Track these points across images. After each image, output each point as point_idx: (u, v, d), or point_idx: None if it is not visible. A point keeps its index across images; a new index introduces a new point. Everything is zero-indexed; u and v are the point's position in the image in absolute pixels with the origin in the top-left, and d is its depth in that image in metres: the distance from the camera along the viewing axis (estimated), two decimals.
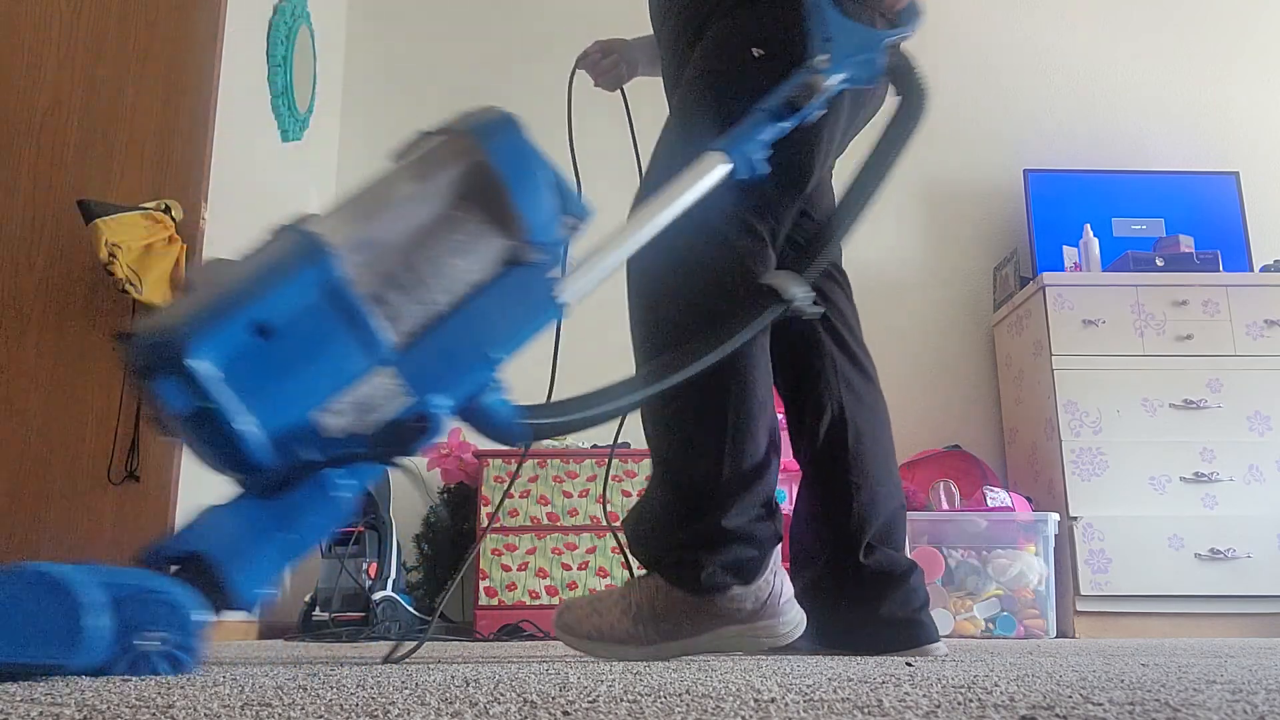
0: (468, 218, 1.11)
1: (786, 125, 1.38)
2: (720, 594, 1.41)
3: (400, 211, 1.08)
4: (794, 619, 1.44)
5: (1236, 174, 3.71)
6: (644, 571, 1.49)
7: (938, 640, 1.58)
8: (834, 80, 1.40)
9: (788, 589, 1.45)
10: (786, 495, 2.96)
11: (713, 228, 1.44)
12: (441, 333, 1.08)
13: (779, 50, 1.46)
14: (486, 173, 1.11)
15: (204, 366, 0.93)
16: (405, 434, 1.03)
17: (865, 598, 1.57)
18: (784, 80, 1.40)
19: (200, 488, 2.53)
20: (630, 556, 1.53)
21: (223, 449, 0.97)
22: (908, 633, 1.56)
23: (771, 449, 1.46)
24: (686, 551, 1.42)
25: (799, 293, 1.33)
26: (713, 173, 1.31)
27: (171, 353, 0.93)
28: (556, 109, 1.71)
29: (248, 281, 0.99)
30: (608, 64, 1.87)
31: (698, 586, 1.41)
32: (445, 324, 1.08)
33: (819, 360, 1.65)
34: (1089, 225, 3.54)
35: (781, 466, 1.52)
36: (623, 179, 1.66)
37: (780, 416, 1.74)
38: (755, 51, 1.47)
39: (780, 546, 1.47)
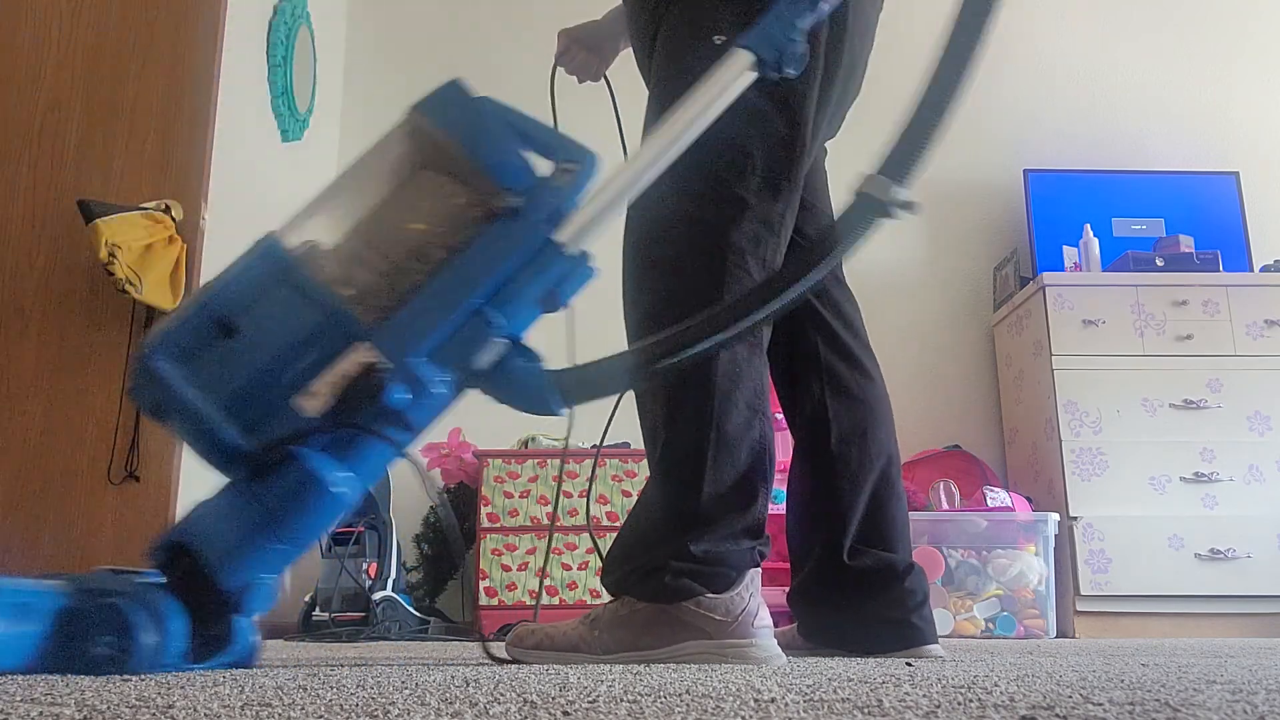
0: (426, 183, 1.11)
1: (826, 7, 1.21)
2: (686, 600, 1.29)
3: (357, 195, 1.10)
4: (769, 647, 1.29)
5: (1236, 174, 3.72)
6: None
7: (933, 643, 1.53)
8: None
9: (765, 616, 1.32)
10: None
11: (690, 194, 1.39)
12: (420, 299, 1.06)
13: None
14: (431, 134, 1.11)
15: (164, 366, 1.02)
16: (379, 403, 1.01)
17: (853, 599, 1.54)
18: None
19: (200, 488, 2.53)
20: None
21: (199, 440, 1.04)
22: (896, 634, 1.52)
23: (759, 475, 1.36)
24: (652, 568, 1.32)
25: (896, 193, 1.15)
26: (734, 73, 1.18)
27: (139, 358, 1.04)
28: (560, 104, 1.71)
29: (207, 285, 1.07)
30: (582, 59, 1.82)
31: (662, 592, 1.30)
32: (423, 290, 1.06)
33: (803, 359, 1.61)
34: (1089, 225, 3.54)
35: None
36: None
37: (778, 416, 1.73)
38: (717, 39, 1.40)
39: (760, 570, 1.36)
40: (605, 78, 1.84)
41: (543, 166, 1.14)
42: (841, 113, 1.64)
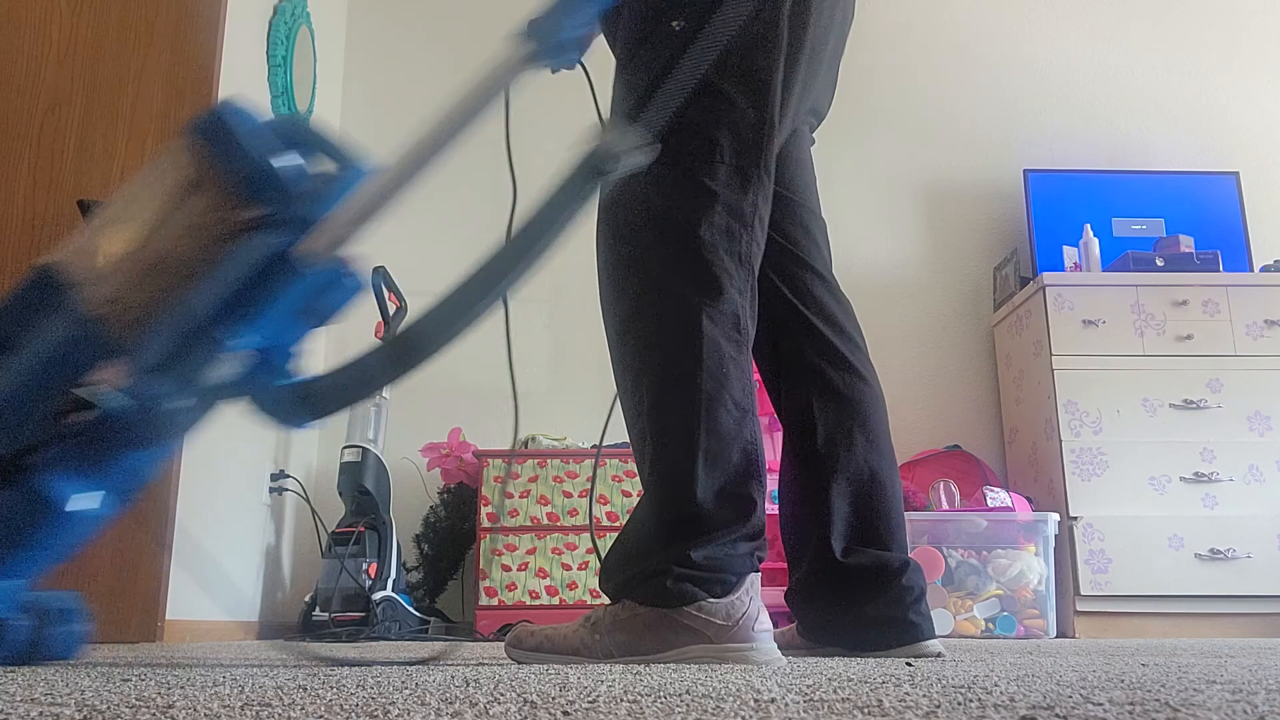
0: (196, 201, 1.14)
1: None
2: (688, 604, 1.29)
3: (130, 215, 1.15)
4: (769, 651, 1.29)
5: (1236, 174, 3.71)
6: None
7: (930, 639, 1.53)
8: None
9: (765, 620, 1.32)
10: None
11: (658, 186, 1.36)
12: (169, 318, 1.10)
13: (699, 20, 1.37)
14: (199, 153, 1.14)
15: None
16: (101, 415, 1.06)
17: (850, 598, 1.54)
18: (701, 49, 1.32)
19: (199, 489, 2.53)
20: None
21: None
22: (895, 631, 1.52)
23: (752, 477, 1.34)
24: (653, 572, 1.31)
25: (619, 146, 1.11)
26: (508, 65, 1.18)
27: None
28: (559, 104, 1.71)
29: None
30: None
31: (664, 597, 1.29)
32: (175, 309, 1.10)
33: (788, 360, 1.61)
34: (1089, 225, 3.54)
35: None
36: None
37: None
38: (676, 25, 1.39)
39: (760, 574, 1.36)
40: (581, 64, 1.83)
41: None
42: (817, 90, 1.60)
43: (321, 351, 3.63)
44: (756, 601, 1.32)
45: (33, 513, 1.07)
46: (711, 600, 1.29)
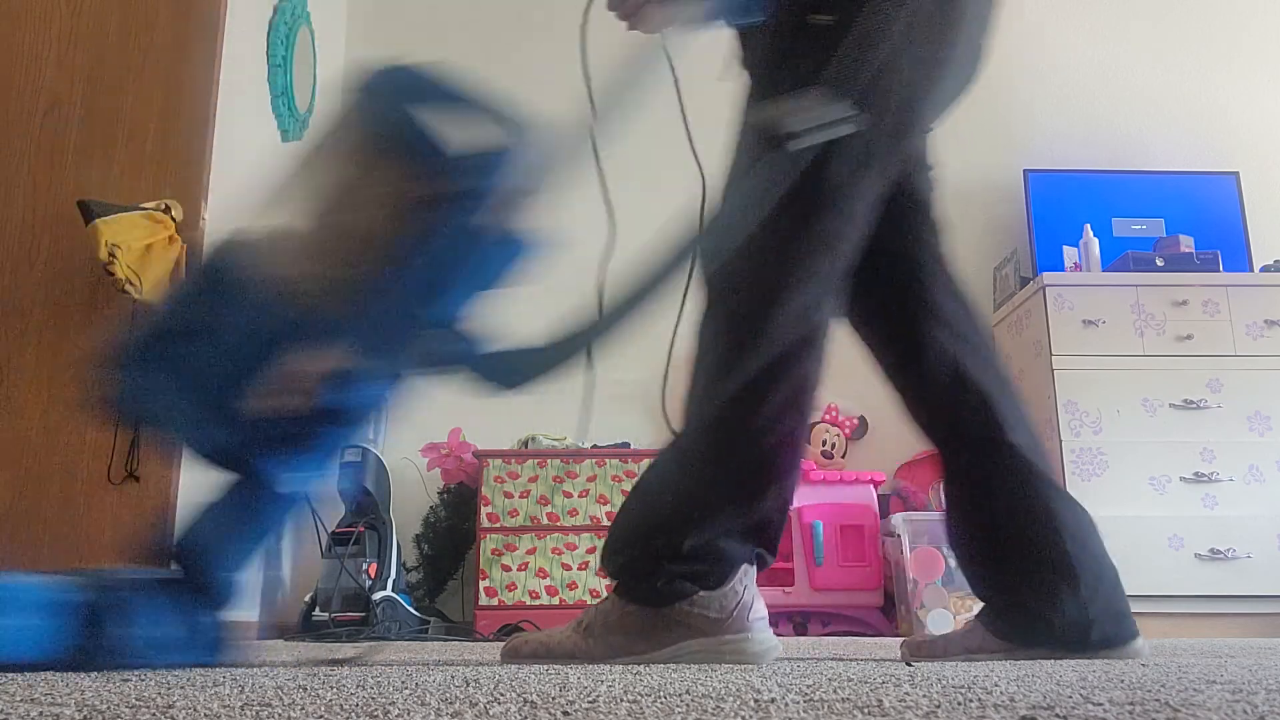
0: (374, 175, 1.07)
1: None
2: (680, 600, 1.26)
3: (309, 187, 1.10)
4: (765, 639, 1.26)
5: (1236, 174, 3.72)
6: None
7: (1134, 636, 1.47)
8: None
9: (760, 608, 1.28)
10: None
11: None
12: (372, 299, 1.06)
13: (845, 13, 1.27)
14: (368, 120, 1.08)
15: (124, 376, 1.08)
16: (315, 400, 1.04)
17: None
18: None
19: (200, 488, 2.53)
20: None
21: (173, 436, 1.13)
22: (1122, 626, 1.49)
23: (762, 475, 1.30)
24: (645, 571, 1.28)
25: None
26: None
27: (102, 372, 1.09)
28: (560, 106, 1.70)
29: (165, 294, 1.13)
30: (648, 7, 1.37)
31: (654, 596, 1.27)
32: (376, 289, 1.06)
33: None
34: (1089, 225, 3.54)
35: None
36: (663, 175, 1.52)
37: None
38: (823, 19, 1.29)
39: (755, 566, 1.32)
40: (666, 52, 1.33)
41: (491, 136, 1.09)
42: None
43: None
44: (751, 589, 1.29)
45: (258, 501, 1.06)
46: (705, 593, 1.26)
